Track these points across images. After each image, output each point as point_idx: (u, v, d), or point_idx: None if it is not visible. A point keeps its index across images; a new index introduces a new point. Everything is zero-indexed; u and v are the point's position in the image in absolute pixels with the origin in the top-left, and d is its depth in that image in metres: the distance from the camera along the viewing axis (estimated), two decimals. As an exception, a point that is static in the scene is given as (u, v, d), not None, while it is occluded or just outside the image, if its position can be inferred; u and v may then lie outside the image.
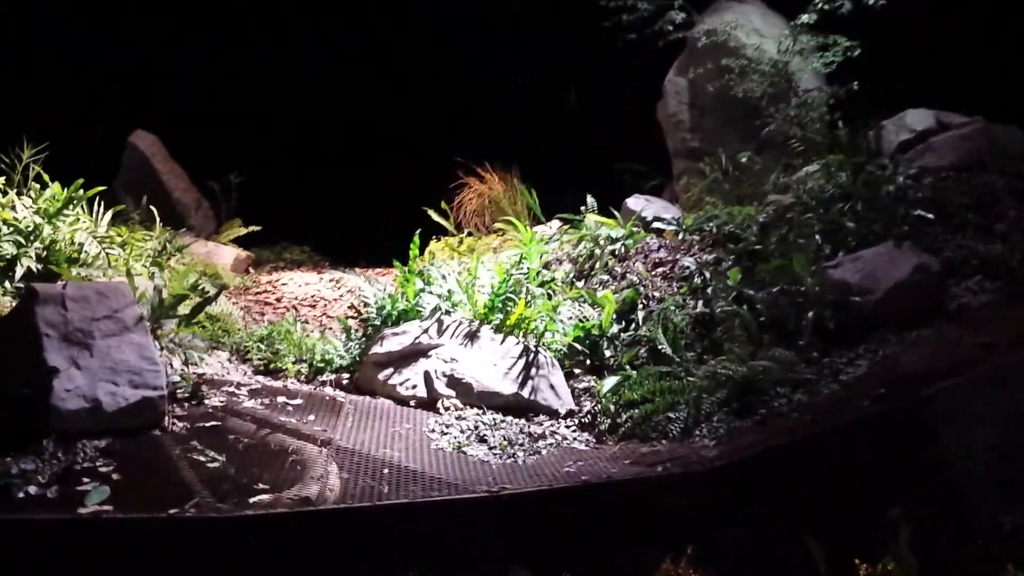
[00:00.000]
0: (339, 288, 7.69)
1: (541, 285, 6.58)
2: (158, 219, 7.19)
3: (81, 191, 6.06)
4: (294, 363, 5.66)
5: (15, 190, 6.18)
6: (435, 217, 8.59)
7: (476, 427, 4.87)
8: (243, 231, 9.62)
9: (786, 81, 8.69)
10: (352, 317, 6.42)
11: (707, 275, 6.13)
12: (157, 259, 6.83)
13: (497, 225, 8.63)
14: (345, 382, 5.62)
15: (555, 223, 8.16)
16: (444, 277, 5.91)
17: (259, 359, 5.73)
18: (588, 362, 5.90)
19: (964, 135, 6.79)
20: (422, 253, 7.20)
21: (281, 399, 5.02)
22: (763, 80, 8.46)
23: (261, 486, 3.87)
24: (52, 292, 4.29)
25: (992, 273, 5.44)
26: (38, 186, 6.10)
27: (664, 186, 9.71)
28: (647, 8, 8.78)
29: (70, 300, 4.28)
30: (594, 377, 5.72)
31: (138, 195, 9.17)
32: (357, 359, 5.70)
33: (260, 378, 5.55)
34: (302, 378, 5.61)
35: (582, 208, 7.69)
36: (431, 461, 4.38)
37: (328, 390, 5.47)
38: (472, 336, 5.53)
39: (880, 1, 7.58)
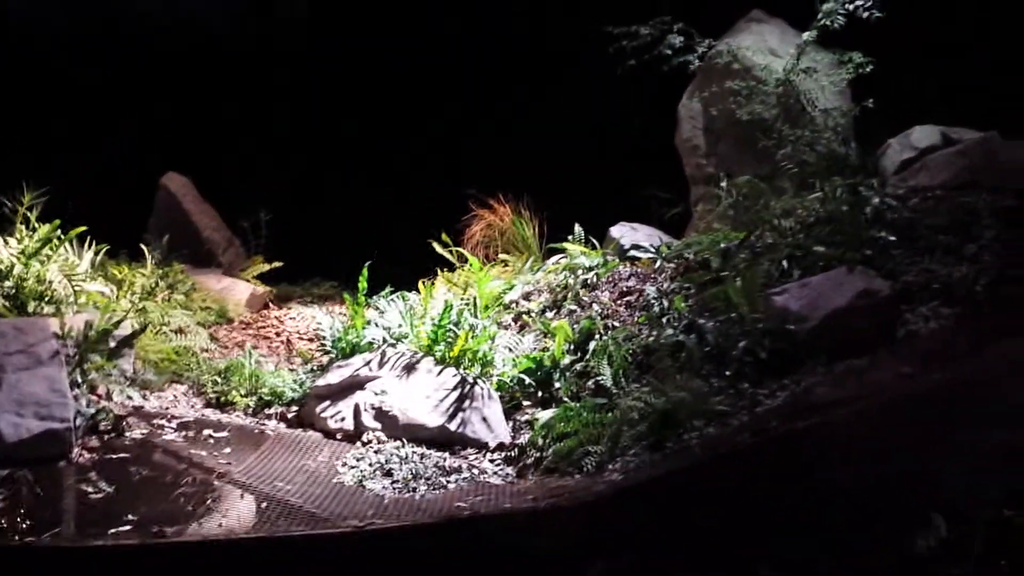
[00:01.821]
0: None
1: (518, 316, 6.52)
2: (148, 256, 7.45)
3: (59, 231, 6.34)
4: (244, 396, 5.75)
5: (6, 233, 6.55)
6: (439, 250, 8.63)
7: (388, 460, 4.84)
8: (266, 267, 9.90)
9: (796, 101, 8.38)
10: (319, 350, 6.49)
11: (665, 304, 5.92)
12: (145, 296, 7.10)
13: (502, 256, 8.61)
14: (292, 415, 5.68)
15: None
16: (383, 312, 5.89)
17: (213, 392, 5.86)
18: (540, 394, 5.79)
19: (959, 151, 6.39)
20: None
21: (208, 431, 5.11)
22: (769, 101, 8.18)
23: (130, 517, 3.95)
24: (-33, 328, 4.51)
25: (952, 297, 5.05)
26: (24, 228, 6.43)
27: (689, 212, 9.50)
28: (648, 33, 8.63)
29: (-16, 336, 4.49)
30: (540, 409, 5.60)
31: (171, 235, 9.62)
32: (307, 392, 5.76)
33: (208, 411, 5.67)
34: (249, 411, 5.71)
35: (568, 237, 7.58)
36: (320, 495, 4.36)
37: (270, 423, 5.55)
38: (410, 368, 5.52)
39: (875, 14, 7.21)
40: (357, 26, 11.08)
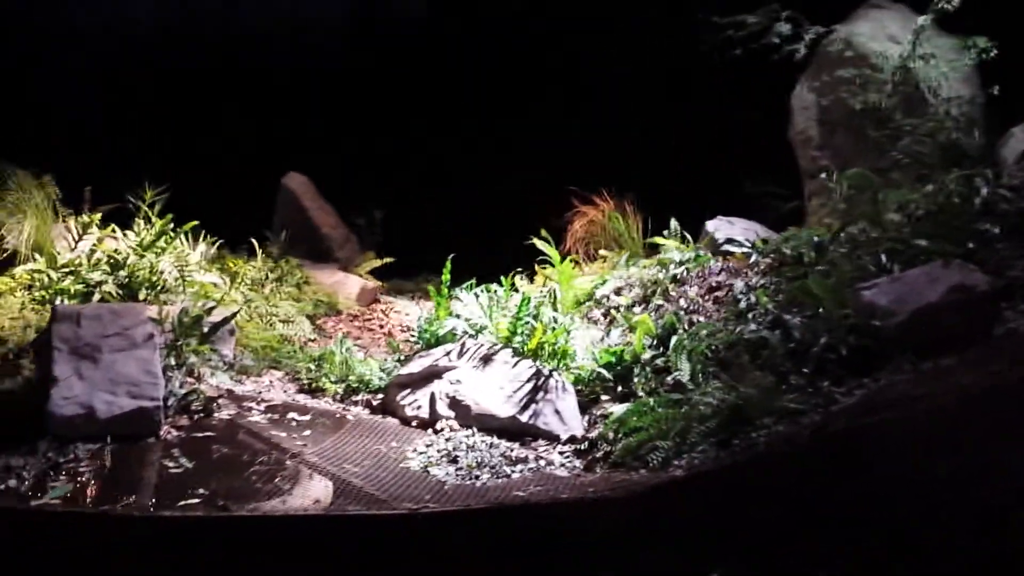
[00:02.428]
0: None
1: (607, 311, 6.51)
2: (259, 251, 7.84)
3: (171, 226, 6.76)
4: (333, 383, 5.96)
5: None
6: (539, 245, 8.65)
7: (455, 448, 4.91)
8: (378, 263, 10.22)
9: (916, 89, 7.97)
10: (408, 341, 6.65)
11: (752, 299, 5.75)
12: (254, 287, 7.48)
13: (601, 252, 8.56)
14: (376, 402, 5.84)
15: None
16: (466, 304, 5.97)
17: (307, 378, 6.09)
18: (619, 388, 5.74)
19: (1085, 139, 5.90)
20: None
21: (292, 415, 5.33)
22: (885, 90, 7.82)
23: (201, 491, 4.17)
24: (69, 311, 4.89)
25: (1057, 295, 4.69)
26: (142, 223, 6.89)
27: (805, 208, 9.20)
28: (757, 22, 8.39)
29: (84, 318, 4.86)
30: (617, 404, 5.55)
31: (290, 231, 10.10)
32: (392, 380, 5.91)
33: (299, 396, 5.90)
34: (337, 397, 5.90)
35: (664, 232, 7.48)
36: (384, 478, 4.48)
37: (354, 409, 5.73)
38: (487, 359, 5.58)
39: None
40: (468, 23, 11.26)
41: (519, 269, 6.95)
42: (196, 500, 4.07)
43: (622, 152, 10.44)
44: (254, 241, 7.98)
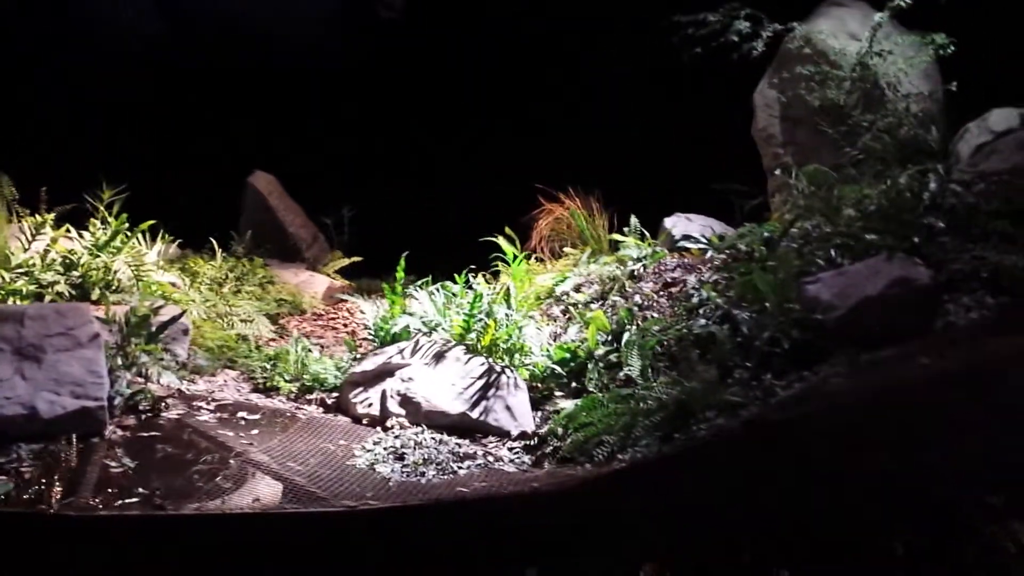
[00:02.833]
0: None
1: (567, 308, 6.52)
2: (218, 251, 7.82)
3: (127, 225, 6.73)
4: (288, 382, 5.95)
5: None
6: (502, 244, 8.66)
7: (403, 445, 4.91)
8: (345, 261, 10.24)
9: (875, 86, 8.02)
10: (366, 339, 6.65)
11: (704, 294, 5.78)
12: (213, 287, 7.46)
13: (567, 250, 8.58)
14: (331, 401, 5.83)
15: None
16: (419, 300, 5.97)
17: (261, 378, 6.07)
18: (573, 384, 5.76)
19: (1032, 133, 5.95)
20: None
21: (242, 414, 5.32)
22: (842, 87, 7.86)
23: (140, 491, 4.16)
24: (13, 311, 4.86)
25: (1000, 287, 4.73)
26: (98, 223, 6.86)
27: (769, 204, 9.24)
28: (717, 20, 8.42)
29: (28, 319, 4.83)
30: (570, 399, 5.56)
31: (257, 231, 10.08)
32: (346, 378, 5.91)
33: (253, 396, 5.89)
34: (291, 396, 5.89)
35: (624, 229, 7.50)
36: (328, 476, 4.47)
37: (307, 408, 5.72)
38: (440, 356, 5.58)
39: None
40: (440, 21, 11.26)
41: (473, 267, 6.95)
42: (134, 499, 4.04)
43: (591, 151, 10.48)
44: (213, 241, 7.93)
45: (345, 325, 8.34)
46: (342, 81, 11.42)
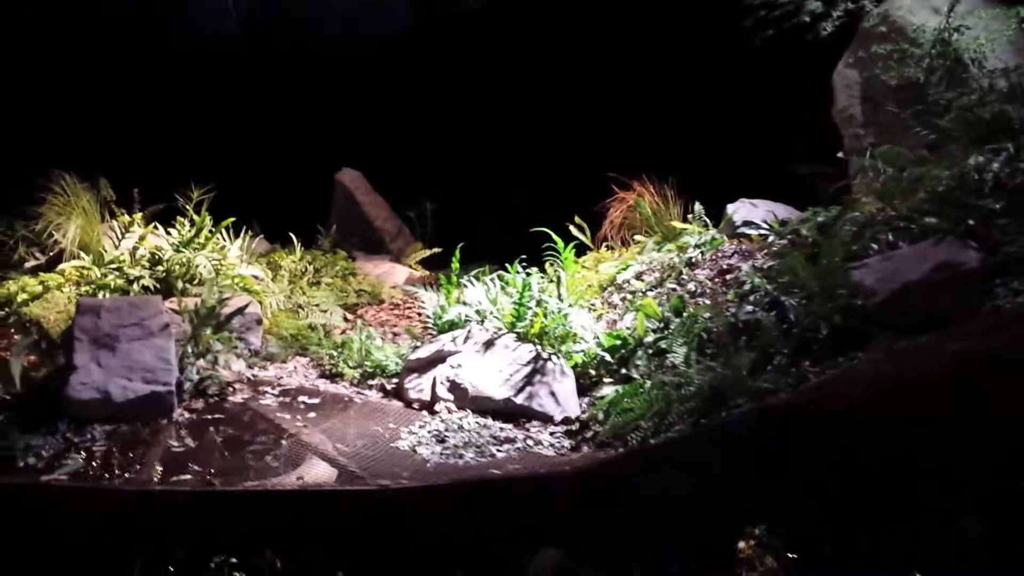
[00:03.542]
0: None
1: (626, 296, 6.60)
2: (297, 244, 8.21)
3: (210, 221, 7.17)
4: (352, 368, 6.23)
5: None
6: (575, 232, 8.76)
7: (447, 428, 5.10)
8: (426, 253, 10.52)
9: (956, 62, 7.73)
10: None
11: (756, 281, 5.75)
12: (293, 279, 7.85)
13: (636, 238, 8.61)
14: (390, 386, 6.08)
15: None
16: (472, 290, 6.15)
17: (329, 364, 6.38)
18: (621, 371, 5.83)
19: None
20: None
21: (303, 398, 5.62)
22: (921, 64, 7.61)
23: (195, 468, 4.49)
24: (92, 304, 5.29)
25: (1052, 270, 4.55)
26: (184, 220, 7.33)
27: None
28: (789, 1, 8.25)
29: (104, 310, 5.25)
30: (618, 386, 5.64)
31: (345, 225, 10.52)
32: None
33: (319, 381, 6.19)
34: (354, 382, 6.17)
35: (688, 216, 7.49)
36: (371, 457, 4.71)
37: (367, 393, 5.98)
38: (489, 344, 5.75)
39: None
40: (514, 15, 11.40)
41: (523, 257, 7.03)
42: (187, 476, 4.36)
43: (669, 138, 10.42)
44: (293, 235, 8.32)
45: (419, 315, 8.58)
46: (419, 78, 11.69)
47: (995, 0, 7.66)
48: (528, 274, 6.31)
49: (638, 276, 7.03)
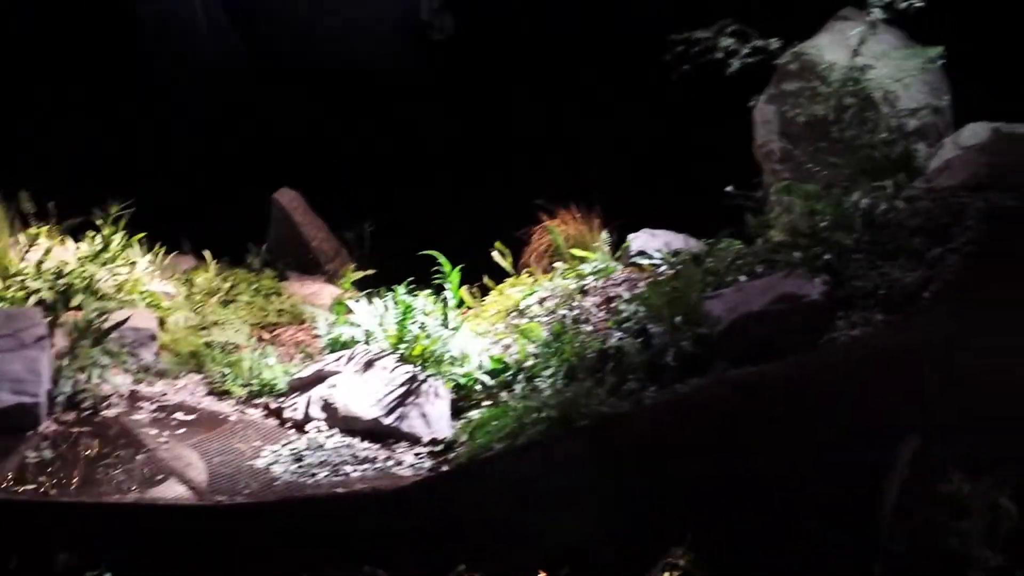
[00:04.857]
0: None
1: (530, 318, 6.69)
2: (210, 262, 8.28)
3: (116, 236, 7.25)
4: (241, 387, 6.29)
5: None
6: (497, 259, 8.85)
7: (308, 447, 5.16)
8: (359, 274, 10.55)
9: (866, 101, 7.86)
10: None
11: (631, 308, 5.85)
12: (204, 296, 7.92)
13: (556, 264, 8.69)
14: (275, 405, 6.13)
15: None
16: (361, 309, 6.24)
17: (220, 382, 6.44)
18: (502, 394, 5.89)
19: (979, 148, 5.83)
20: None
21: (178, 415, 5.68)
22: (829, 101, 7.74)
23: (40, 479, 4.54)
24: (-37, 315, 5.35)
25: (894, 303, 4.66)
26: (96, 235, 7.41)
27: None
28: (708, 38, 8.37)
29: (-23, 321, 5.31)
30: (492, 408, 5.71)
31: (283, 245, 10.61)
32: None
33: (206, 399, 6.24)
34: (242, 400, 6.22)
35: (595, 245, 7.59)
36: (222, 474, 4.78)
37: (251, 411, 6.04)
38: (369, 364, 5.82)
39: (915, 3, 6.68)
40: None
41: (412, 280, 7.12)
42: (31, 486, 4.41)
43: (603, 167, 10.49)
44: (207, 253, 8.40)
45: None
46: (381, 96, 11.74)
47: (912, 40, 7.80)
48: (415, 296, 6.37)
49: (541, 302, 7.12)
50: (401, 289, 6.50)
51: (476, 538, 3.72)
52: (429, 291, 6.76)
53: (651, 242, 7.12)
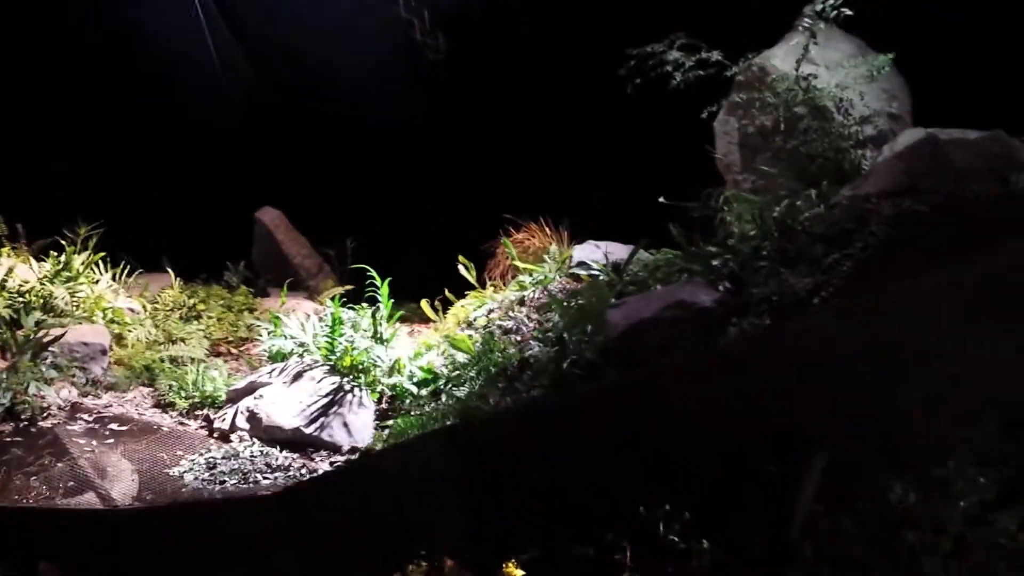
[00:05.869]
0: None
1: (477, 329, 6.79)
2: (174, 279, 8.50)
3: (76, 256, 7.50)
4: (184, 399, 6.46)
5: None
6: (463, 273, 8.97)
7: (225, 456, 5.30)
8: (338, 290, 10.73)
9: (816, 110, 7.89)
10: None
11: (555, 319, 5.93)
12: (168, 312, 8.14)
13: (519, 278, 8.79)
14: (213, 416, 6.29)
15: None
16: (293, 322, 6.37)
17: (165, 394, 6.62)
18: (431, 404, 6.00)
19: (898, 155, 5.81)
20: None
21: (113, 426, 5.85)
22: (778, 111, 7.79)
23: (-43, 486, 4.72)
24: (-97, 331, 5.58)
25: (783, 310, 4.69)
26: (56, 255, 7.67)
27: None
28: (661, 51, 8.45)
29: (-84, 337, 5.54)
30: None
31: (266, 262, 10.85)
32: (229, 396, 6.37)
33: (150, 410, 6.43)
34: (184, 412, 6.39)
35: (544, 256, 7.68)
36: (134, 481, 4.92)
37: (189, 422, 6.20)
38: (298, 376, 5.96)
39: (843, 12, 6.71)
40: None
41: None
42: (-56, 494, 4.59)
43: (577, 181, 10.57)
44: (171, 271, 8.62)
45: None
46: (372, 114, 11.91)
47: (867, 48, 7.83)
48: (350, 309, 6.51)
49: (489, 314, 7.22)
50: (334, 303, 6.62)
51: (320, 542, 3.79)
52: (364, 304, 6.89)
53: (594, 253, 7.18)
